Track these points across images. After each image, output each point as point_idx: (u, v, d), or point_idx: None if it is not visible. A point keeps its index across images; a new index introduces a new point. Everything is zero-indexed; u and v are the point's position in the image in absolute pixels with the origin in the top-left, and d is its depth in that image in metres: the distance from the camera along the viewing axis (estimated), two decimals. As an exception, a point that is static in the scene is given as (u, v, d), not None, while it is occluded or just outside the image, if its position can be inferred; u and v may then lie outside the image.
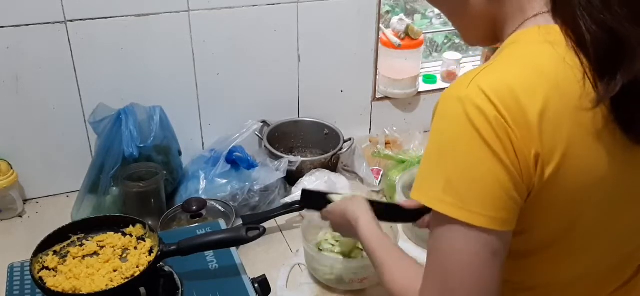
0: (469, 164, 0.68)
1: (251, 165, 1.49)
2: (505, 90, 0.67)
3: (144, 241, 1.01)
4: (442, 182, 0.69)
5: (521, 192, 0.69)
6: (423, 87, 1.93)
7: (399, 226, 1.35)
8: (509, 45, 0.75)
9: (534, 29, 0.73)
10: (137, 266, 0.95)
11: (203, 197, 1.42)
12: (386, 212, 1.09)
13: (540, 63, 0.69)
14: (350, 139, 1.71)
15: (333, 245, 1.29)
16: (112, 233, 1.03)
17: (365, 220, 0.99)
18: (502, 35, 0.78)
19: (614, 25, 0.67)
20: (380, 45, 1.79)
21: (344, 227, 1.05)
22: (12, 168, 1.47)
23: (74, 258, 0.97)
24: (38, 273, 0.92)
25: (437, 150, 0.72)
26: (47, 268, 0.94)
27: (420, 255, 1.28)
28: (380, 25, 1.77)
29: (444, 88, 2.02)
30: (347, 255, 1.27)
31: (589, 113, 0.68)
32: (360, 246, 1.27)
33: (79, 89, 1.49)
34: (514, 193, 0.68)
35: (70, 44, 1.44)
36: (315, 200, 1.13)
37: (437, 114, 0.72)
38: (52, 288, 0.89)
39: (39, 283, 0.90)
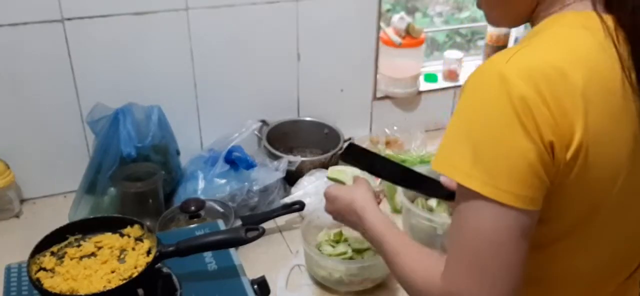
0: (500, 139, 0.67)
1: (250, 165, 1.48)
2: (542, 71, 0.68)
3: (142, 242, 1.00)
4: (471, 156, 0.68)
5: (549, 172, 0.68)
6: (424, 86, 1.93)
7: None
8: (547, 27, 0.75)
9: (571, 13, 0.75)
10: (135, 267, 0.94)
11: (202, 197, 1.41)
12: (424, 184, 1.01)
13: (578, 47, 0.71)
14: (350, 139, 1.70)
15: (333, 247, 1.28)
16: (109, 233, 1.02)
17: (372, 208, 0.97)
18: (537, 17, 0.79)
19: None
20: (380, 43, 1.79)
21: (349, 217, 1.02)
22: (9, 168, 1.46)
23: (71, 259, 0.96)
24: (35, 274, 0.92)
25: (467, 123, 0.71)
26: (45, 269, 0.93)
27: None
28: (381, 23, 1.76)
29: (445, 88, 2.02)
30: (358, 254, 1.26)
31: (621, 100, 0.70)
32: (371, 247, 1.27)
33: (76, 88, 1.48)
34: (542, 173, 0.68)
35: (67, 43, 1.43)
36: (359, 158, 1.06)
37: (471, 86, 0.71)
38: (50, 289, 0.88)
39: (37, 284, 0.90)
